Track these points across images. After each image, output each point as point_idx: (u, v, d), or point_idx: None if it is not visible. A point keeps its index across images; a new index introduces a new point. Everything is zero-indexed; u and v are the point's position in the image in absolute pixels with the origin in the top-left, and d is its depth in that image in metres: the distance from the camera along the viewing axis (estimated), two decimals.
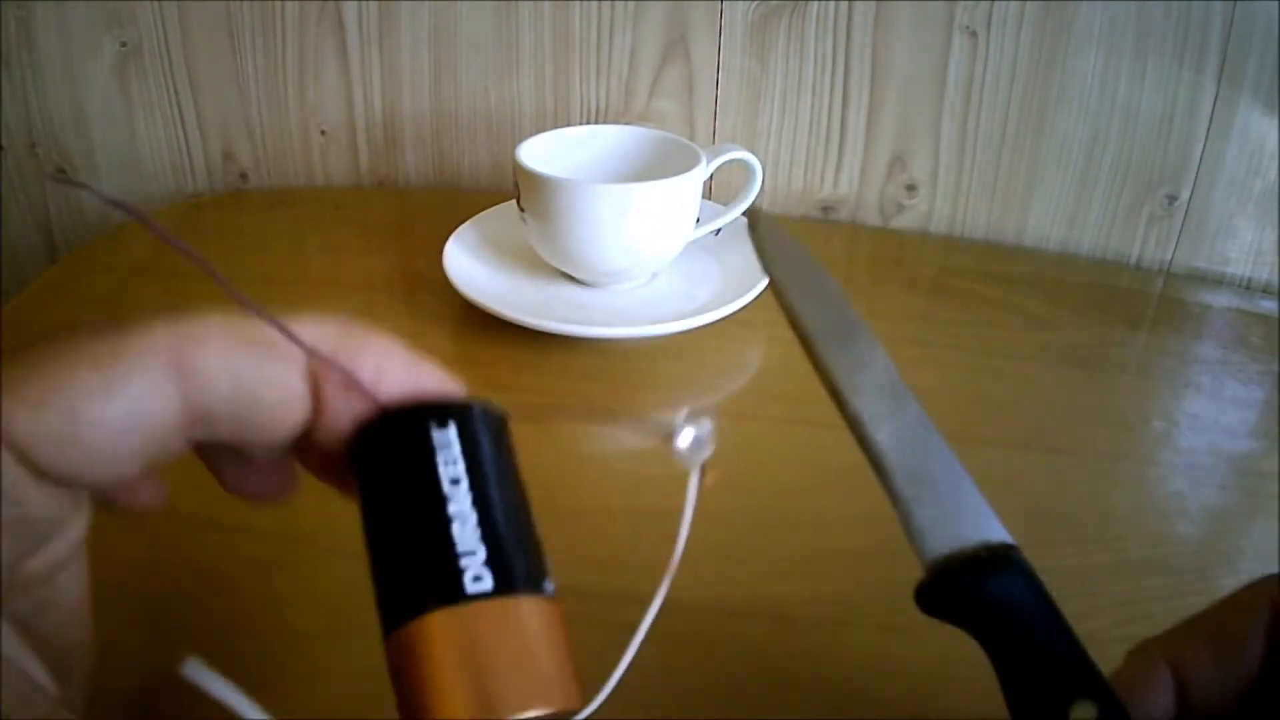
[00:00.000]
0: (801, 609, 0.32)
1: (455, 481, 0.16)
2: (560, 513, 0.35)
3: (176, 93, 0.65)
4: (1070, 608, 0.32)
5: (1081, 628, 0.32)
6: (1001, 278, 0.56)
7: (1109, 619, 0.31)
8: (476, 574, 0.16)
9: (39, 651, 0.16)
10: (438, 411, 0.17)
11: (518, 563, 0.16)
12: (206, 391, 0.15)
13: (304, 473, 0.19)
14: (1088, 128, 0.58)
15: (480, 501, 0.16)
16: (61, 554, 0.16)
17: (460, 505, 0.16)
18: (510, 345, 0.45)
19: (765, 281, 0.48)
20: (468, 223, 0.53)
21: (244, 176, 0.68)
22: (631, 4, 0.59)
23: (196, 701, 0.14)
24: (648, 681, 0.28)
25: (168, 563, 0.32)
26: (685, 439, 0.18)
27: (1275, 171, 0.56)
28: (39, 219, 0.69)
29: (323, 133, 0.66)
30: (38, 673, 0.14)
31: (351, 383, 0.17)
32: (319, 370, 0.17)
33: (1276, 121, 0.55)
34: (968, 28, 0.57)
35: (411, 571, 0.16)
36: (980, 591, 0.19)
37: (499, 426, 0.18)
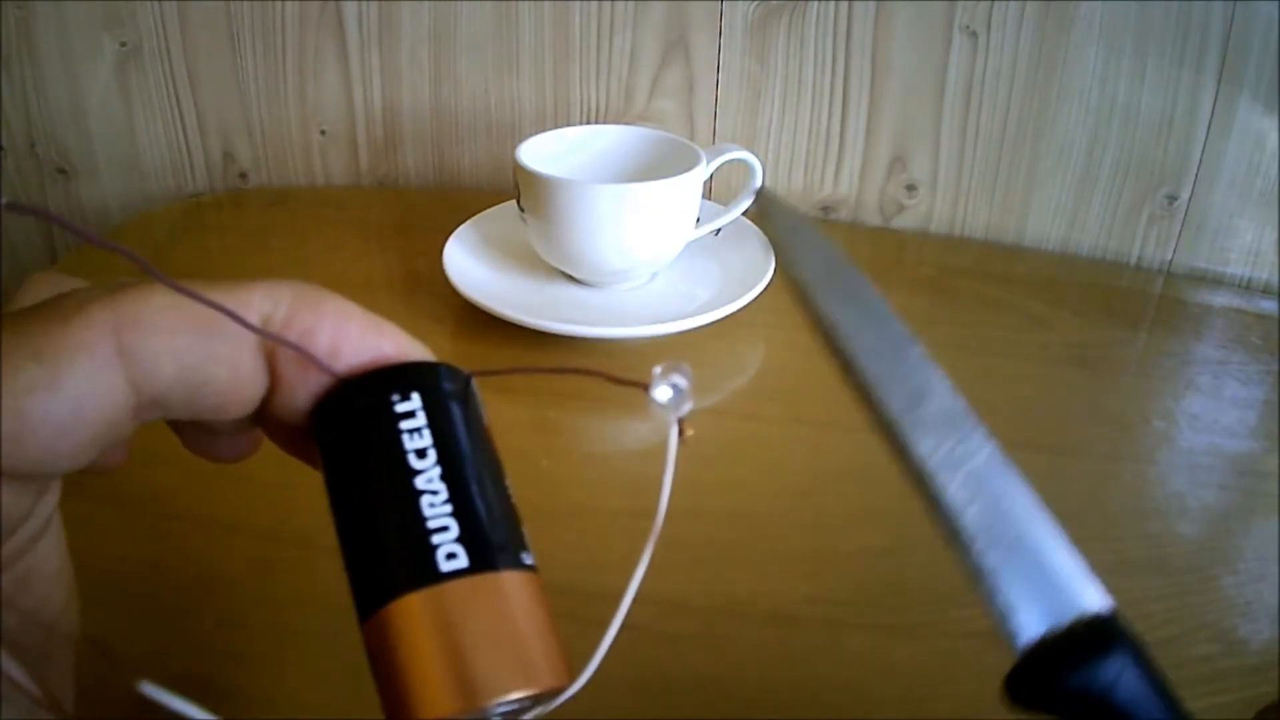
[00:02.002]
0: (801, 609, 0.31)
1: (421, 453, 0.16)
2: (560, 513, 0.35)
3: (176, 93, 0.65)
4: None
5: None
6: (1001, 278, 0.56)
7: None
8: (450, 551, 0.15)
9: (27, 627, 0.16)
10: (399, 379, 0.16)
11: (493, 536, 0.15)
12: (154, 376, 0.15)
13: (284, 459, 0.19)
14: (1088, 128, 0.58)
15: (450, 473, 0.16)
16: (35, 529, 0.16)
17: (429, 478, 0.15)
18: (510, 345, 0.45)
19: (764, 282, 0.48)
20: (468, 223, 0.53)
21: (244, 176, 0.68)
22: (631, 4, 0.59)
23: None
24: (648, 681, 0.29)
25: (168, 563, 0.32)
26: (663, 392, 0.17)
27: (1275, 171, 0.56)
28: (39, 219, 0.68)
29: (323, 133, 0.66)
30: (17, 673, 0.14)
31: (306, 357, 0.16)
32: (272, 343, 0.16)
33: (1276, 121, 0.55)
34: (968, 28, 0.57)
35: (381, 553, 0.15)
36: (1081, 679, 0.16)
37: (465, 389, 0.17)
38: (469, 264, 0.50)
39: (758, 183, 0.50)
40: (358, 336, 0.17)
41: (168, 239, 0.59)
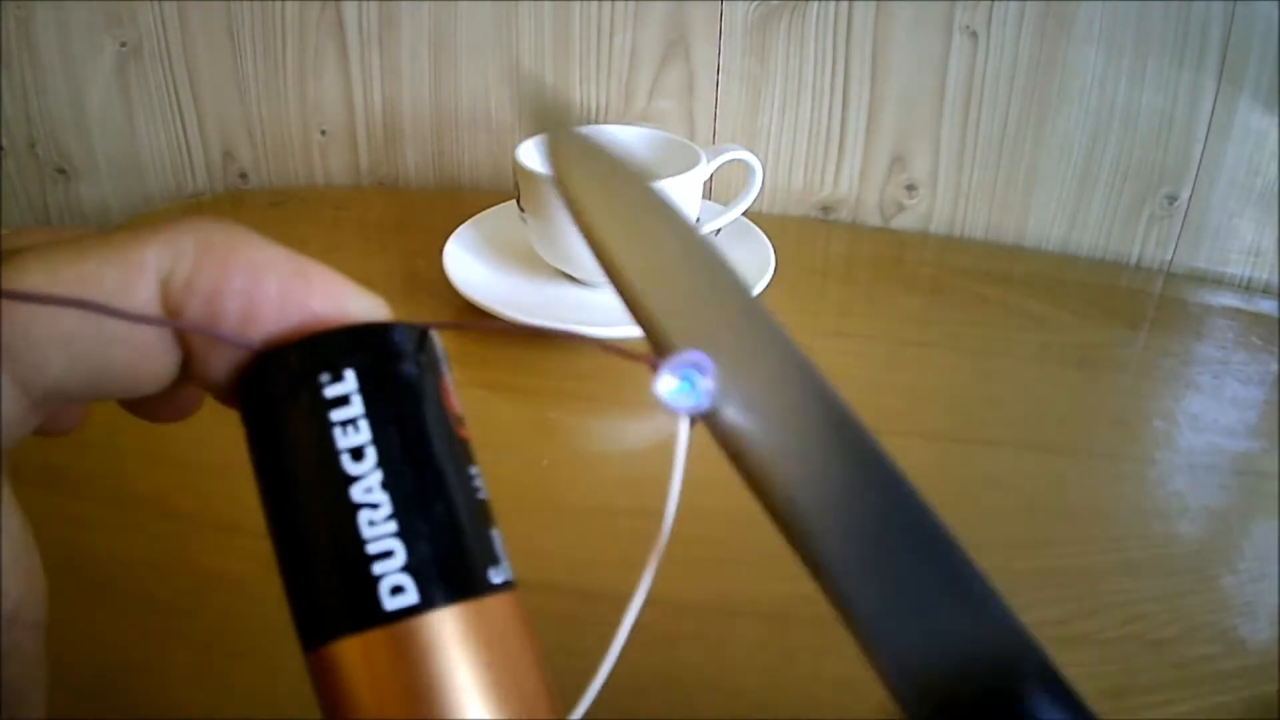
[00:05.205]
0: (801, 609, 0.31)
1: (358, 454, 0.12)
2: (560, 513, 0.35)
3: (176, 93, 0.65)
4: (1070, 608, 0.32)
5: (1082, 628, 0.32)
6: (1001, 278, 0.56)
7: (1109, 619, 0.31)
8: (396, 584, 0.12)
9: None
10: (331, 351, 0.13)
11: (451, 560, 0.12)
12: (41, 370, 0.13)
13: None
14: (1088, 128, 0.58)
15: (393, 479, 0.12)
16: None
17: (368, 487, 0.12)
18: (510, 345, 0.45)
19: (764, 281, 0.48)
20: (468, 223, 0.53)
21: (244, 176, 0.68)
22: (631, 4, 0.59)
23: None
24: (647, 681, 0.29)
25: (168, 563, 0.32)
26: (668, 383, 0.14)
27: (1275, 171, 0.56)
28: (39, 219, 0.68)
29: (323, 133, 0.66)
30: None
31: (207, 334, 0.13)
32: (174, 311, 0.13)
33: (1276, 121, 0.55)
34: (968, 28, 0.57)
35: (314, 582, 0.13)
36: None
37: (418, 353, 0.14)
38: (469, 264, 0.50)
39: (758, 182, 0.50)
40: (278, 293, 0.13)
41: None
